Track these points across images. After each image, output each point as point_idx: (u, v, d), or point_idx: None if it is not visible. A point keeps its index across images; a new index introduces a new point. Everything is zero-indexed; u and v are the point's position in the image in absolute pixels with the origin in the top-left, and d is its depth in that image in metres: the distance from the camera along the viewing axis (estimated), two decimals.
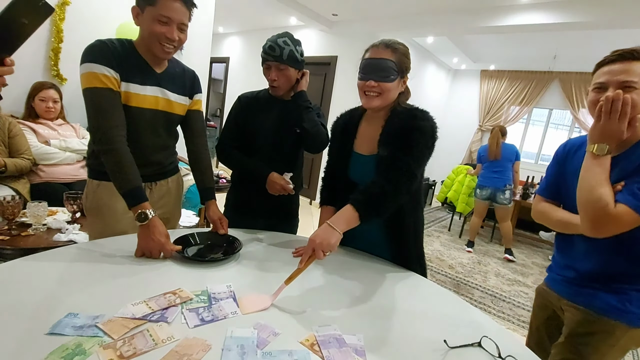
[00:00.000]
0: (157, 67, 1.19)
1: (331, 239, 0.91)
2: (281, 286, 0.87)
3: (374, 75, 1.06)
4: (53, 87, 2.26)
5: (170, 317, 0.74)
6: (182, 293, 0.84)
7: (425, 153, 1.06)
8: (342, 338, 0.75)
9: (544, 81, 5.66)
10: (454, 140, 6.51)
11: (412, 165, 1.03)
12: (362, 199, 0.99)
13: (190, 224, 2.25)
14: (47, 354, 0.59)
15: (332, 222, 0.94)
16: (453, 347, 0.78)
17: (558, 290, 1.10)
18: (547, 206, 1.13)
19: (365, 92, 1.10)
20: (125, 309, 0.74)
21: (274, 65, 1.32)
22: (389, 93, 1.08)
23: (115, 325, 0.69)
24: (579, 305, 1.02)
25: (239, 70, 6.34)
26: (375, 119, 1.16)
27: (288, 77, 1.35)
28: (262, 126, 1.41)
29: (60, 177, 2.21)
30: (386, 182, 1.00)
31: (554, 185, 1.13)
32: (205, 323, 0.74)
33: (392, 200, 1.01)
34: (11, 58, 0.60)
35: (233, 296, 0.86)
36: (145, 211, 1.01)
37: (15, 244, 1.47)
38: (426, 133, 1.05)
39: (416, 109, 1.10)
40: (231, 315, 0.78)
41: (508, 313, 2.67)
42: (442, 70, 6.28)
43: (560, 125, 5.92)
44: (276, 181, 1.34)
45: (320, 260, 0.91)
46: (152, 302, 0.78)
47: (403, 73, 1.10)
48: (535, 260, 4.02)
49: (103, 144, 1.05)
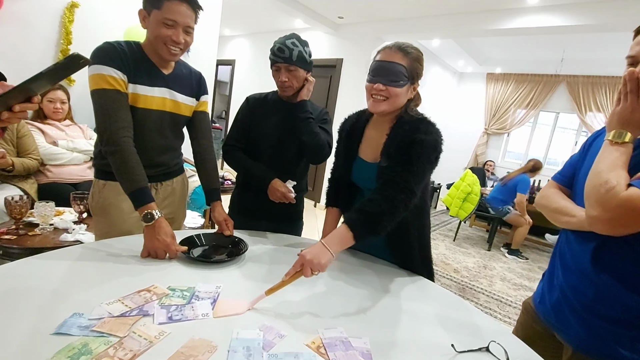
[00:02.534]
0: (165, 69, 1.20)
1: (322, 258, 0.86)
2: (261, 295, 0.83)
3: (382, 79, 1.02)
4: (61, 89, 2.28)
5: (151, 311, 0.75)
6: (157, 290, 0.84)
7: (427, 168, 1.01)
8: (349, 341, 0.74)
9: (551, 84, 5.62)
10: (460, 143, 6.48)
11: (412, 182, 0.98)
12: (357, 218, 0.94)
13: (195, 225, 2.26)
14: (54, 354, 0.59)
15: (326, 242, 0.90)
16: (461, 352, 0.77)
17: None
18: (553, 192, 0.97)
19: (372, 95, 1.05)
20: (99, 309, 0.73)
21: (283, 66, 1.32)
22: (397, 99, 1.04)
23: (114, 324, 0.69)
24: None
25: (245, 73, 6.38)
26: (381, 125, 1.12)
27: (298, 78, 1.35)
28: (268, 129, 1.41)
29: (67, 178, 2.23)
30: (383, 200, 0.95)
31: (571, 172, 0.96)
32: (171, 322, 0.73)
33: (389, 218, 0.96)
34: (38, 95, 0.66)
35: (215, 298, 0.84)
36: (151, 211, 1.01)
37: (23, 244, 1.48)
38: (428, 147, 1.00)
39: (421, 120, 1.05)
40: (201, 317, 0.76)
41: (514, 318, 2.64)
42: (447, 72, 6.26)
43: (566, 129, 5.87)
44: (278, 189, 1.34)
45: (303, 279, 0.87)
46: (127, 300, 0.78)
47: (414, 79, 1.05)
48: (542, 265, 3.98)
49: (110, 144, 1.05)
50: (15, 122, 0.66)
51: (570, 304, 0.85)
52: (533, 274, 3.64)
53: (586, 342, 0.82)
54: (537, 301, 0.99)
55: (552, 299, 0.91)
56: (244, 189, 1.51)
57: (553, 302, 0.91)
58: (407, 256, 1.18)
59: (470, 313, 0.97)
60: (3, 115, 0.62)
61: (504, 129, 6.15)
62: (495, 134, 6.36)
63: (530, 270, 3.72)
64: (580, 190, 0.80)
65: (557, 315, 0.89)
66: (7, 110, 0.62)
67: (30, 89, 0.62)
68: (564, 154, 5.78)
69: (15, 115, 0.63)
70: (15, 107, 0.62)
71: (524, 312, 1.06)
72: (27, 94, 0.63)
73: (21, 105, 0.63)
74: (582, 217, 0.79)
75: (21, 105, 0.63)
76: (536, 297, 1.01)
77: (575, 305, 0.84)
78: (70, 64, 0.60)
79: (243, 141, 1.45)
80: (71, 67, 0.61)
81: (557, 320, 0.89)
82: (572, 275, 0.86)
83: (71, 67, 0.61)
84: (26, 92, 0.62)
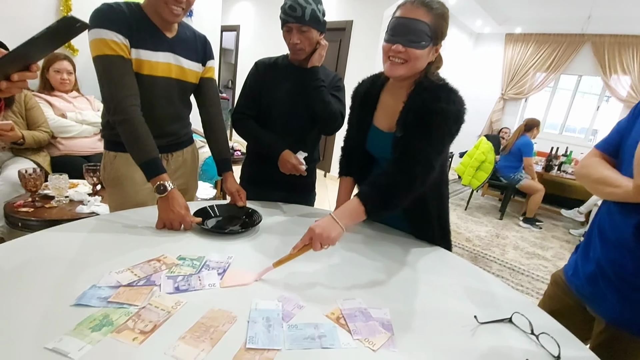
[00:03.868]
0: (168, 32, 1.13)
1: (331, 232, 0.82)
2: (268, 267, 0.82)
3: (402, 38, 0.90)
4: (66, 59, 2.22)
5: (157, 281, 0.74)
6: (167, 259, 0.83)
7: (447, 140, 0.94)
8: (368, 312, 0.73)
9: (575, 45, 5.30)
10: (474, 109, 6.19)
11: (431, 155, 0.91)
12: (370, 192, 0.89)
13: (207, 196, 2.26)
14: (76, 325, 0.59)
15: (337, 215, 0.86)
16: (483, 323, 0.75)
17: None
18: (596, 161, 0.89)
19: (389, 57, 0.94)
20: (109, 277, 0.73)
21: (295, 27, 1.22)
22: (417, 62, 0.93)
23: (130, 294, 0.68)
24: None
25: (250, 39, 6.15)
26: (397, 91, 1.02)
27: (311, 39, 1.25)
28: (279, 95, 1.34)
29: (78, 150, 2.22)
30: (399, 173, 0.89)
31: (617, 139, 0.87)
32: (178, 292, 0.72)
33: (405, 193, 0.90)
34: (37, 64, 0.62)
35: (225, 268, 0.84)
36: (164, 183, 0.99)
37: (40, 216, 1.50)
38: (449, 118, 0.91)
39: (443, 87, 0.95)
40: (208, 287, 0.75)
41: (527, 286, 2.65)
42: (463, 34, 5.94)
43: (587, 94, 5.60)
44: (288, 160, 1.29)
45: (317, 252, 0.83)
46: (136, 269, 0.77)
47: (437, 39, 0.93)
48: (555, 233, 3.94)
49: (117, 114, 1.02)
50: (15, 91, 0.63)
51: (607, 277, 0.82)
52: (547, 242, 3.61)
53: (622, 315, 0.80)
54: (570, 273, 0.96)
55: (587, 271, 0.88)
56: (254, 159, 1.47)
57: (588, 274, 0.87)
58: (426, 227, 1.14)
59: (490, 284, 0.95)
60: (2, 84, 0.59)
61: (522, 94, 5.91)
62: (512, 100, 6.12)
63: (543, 239, 3.69)
64: (628, 159, 0.75)
65: (591, 288, 0.87)
66: (5, 79, 0.59)
67: (26, 56, 0.59)
68: (584, 120, 5.56)
69: (14, 85, 0.60)
70: (13, 76, 0.59)
71: (553, 284, 1.03)
72: (24, 62, 0.60)
73: (20, 74, 0.60)
74: (629, 188, 0.74)
75: (20, 74, 0.60)
76: (568, 269, 0.98)
77: (612, 278, 0.81)
78: (65, 28, 0.56)
79: (253, 109, 1.39)
80: (67, 32, 0.57)
81: (591, 292, 0.87)
82: (612, 248, 0.82)
83: (67, 32, 0.57)
84: (22, 58, 0.59)
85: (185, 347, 0.57)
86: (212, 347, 0.58)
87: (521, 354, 0.67)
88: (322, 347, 0.62)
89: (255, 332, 0.63)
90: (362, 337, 0.66)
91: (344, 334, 0.66)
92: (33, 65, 0.61)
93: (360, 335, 0.66)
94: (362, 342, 0.65)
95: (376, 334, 0.67)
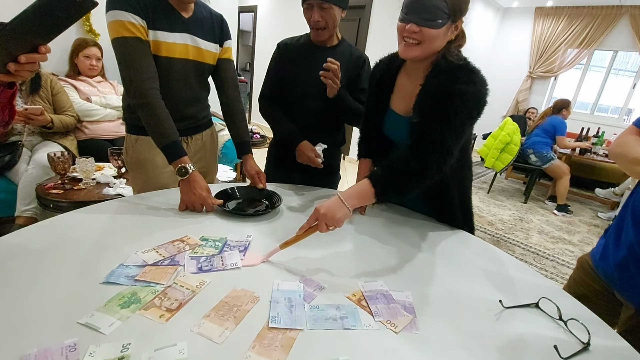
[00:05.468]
0: (184, 12, 1.12)
1: (337, 213, 0.79)
2: (275, 249, 0.82)
3: (416, 17, 0.84)
4: (96, 45, 2.28)
5: (182, 262, 0.76)
6: (190, 240, 0.85)
7: (467, 124, 0.87)
8: (390, 294, 0.73)
9: (611, 18, 4.94)
10: (500, 88, 5.98)
11: (449, 140, 0.84)
12: (382, 174, 0.85)
13: (227, 179, 2.29)
14: (106, 301, 0.61)
15: (344, 195, 0.82)
16: (508, 307, 0.73)
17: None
18: (634, 139, 0.83)
19: (404, 37, 0.88)
20: (135, 256, 0.75)
21: (316, 3, 1.18)
22: (432, 42, 0.86)
23: (156, 273, 0.70)
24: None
25: (268, 20, 6.05)
26: (415, 73, 0.97)
27: (333, 17, 1.21)
28: (302, 77, 1.33)
29: (103, 134, 2.28)
30: (414, 158, 0.84)
31: None
32: (201, 272, 0.74)
33: (418, 179, 0.85)
34: (47, 46, 0.60)
35: (246, 247, 0.85)
36: (185, 165, 1.00)
37: (70, 197, 1.56)
38: (469, 100, 0.85)
39: (461, 67, 0.88)
40: (230, 267, 0.76)
41: (551, 271, 2.58)
42: (490, 9, 5.63)
43: (622, 71, 5.24)
44: (304, 152, 1.30)
45: (323, 233, 0.81)
46: (161, 249, 0.79)
47: (456, 16, 0.85)
48: (583, 217, 3.80)
49: (137, 97, 1.02)
50: (25, 75, 0.62)
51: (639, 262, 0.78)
52: (573, 227, 3.49)
53: None
54: (597, 258, 0.92)
55: (618, 256, 0.83)
56: (280, 141, 1.48)
57: (618, 260, 0.83)
58: (447, 211, 1.12)
59: (515, 268, 0.92)
60: (10, 66, 0.58)
61: (551, 72, 5.60)
62: (540, 78, 5.81)
63: (570, 224, 3.57)
64: None
65: (621, 273, 0.83)
66: (12, 61, 0.58)
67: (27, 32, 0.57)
68: (618, 99, 5.23)
69: (23, 68, 0.60)
70: (21, 57, 0.58)
71: (579, 269, 0.99)
72: (30, 42, 0.58)
73: (27, 55, 0.59)
74: None
75: (27, 55, 0.59)
76: (595, 254, 0.94)
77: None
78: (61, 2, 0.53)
79: (278, 92, 1.39)
80: (67, 8, 0.55)
81: (620, 278, 0.83)
82: None
83: (67, 8, 0.55)
84: (24, 36, 0.57)
85: (210, 324, 0.59)
86: (235, 325, 0.59)
87: (549, 340, 0.65)
88: (344, 327, 0.62)
89: (277, 312, 0.64)
90: (383, 319, 0.65)
91: (365, 316, 0.66)
92: (41, 47, 0.60)
93: (382, 318, 0.66)
94: (384, 324, 0.64)
95: (398, 316, 0.67)
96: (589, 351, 0.64)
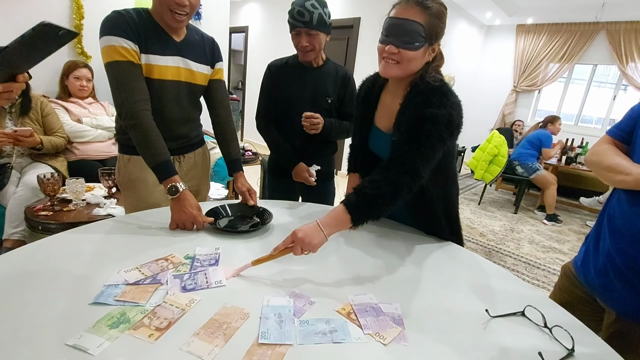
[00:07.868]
0: (176, 36, 1.16)
1: (314, 239, 0.81)
2: (247, 264, 0.83)
3: (395, 40, 0.89)
4: (86, 67, 2.30)
5: (163, 280, 0.76)
6: (175, 259, 0.85)
7: (437, 147, 0.90)
8: (379, 307, 0.74)
9: (589, 33, 5.16)
10: (486, 103, 6.17)
11: (418, 163, 0.88)
12: (356, 200, 0.86)
13: (219, 197, 2.29)
14: (95, 322, 0.61)
15: (322, 222, 0.83)
16: (495, 317, 0.75)
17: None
18: (607, 148, 0.87)
19: (383, 57, 0.93)
20: (117, 275, 0.75)
21: (304, 31, 1.29)
22: (410, 63, 0.91)
23: (136, 293, 0.70)
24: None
25: (259, 39, 6.18)
26: (396, 91, 1.01)
27: (319, 41, 1.34)
28: (294, 95, 1.42)
29: (94, 155, 2.28)
30: (385, 182, 0.87)
31: (630, 125, 0.85)
32: (185, 291, 0.73)
33: (389, 202, 0.87)
34: (24, 74, 0.61)
35: (217, 259, 0.86)
36: (175, 184, 1.02)
37: (59, 219, 1.55)
38: (440, 124, 0.88)
39: (435, 90, 0.91)
40: (214, 285, 0.76)
41: (543, 280, 2.60)
42: (473, 27, 5.83)
43: (603, 83, 5.44)
44: (300, 173, 1.47)
45: (297, 256, 0.82)
46: (144, 268, 0.79)
47: (432, 39, 0.90)
48: (572, 227, 3.85)
49: (128, 118, 1.04)
50: (2, 103, 0.61)
51: (617, 269, 0.80)
52: (563, 236, 3.54)
53: (633, 307, 0.79)
54: (579, 264, 0.94)
55: (598, 263, 0.86)
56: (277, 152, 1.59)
57: (598, 266, 0.86)
58: (433, 224, 1.14)
59: (504, 278, 0.94)
60: None
61: (535, 85, 5.78)
62: (524, 92, 5.99)
63: (560, 233, 3.62)
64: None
65: (601, 280, 0.85)
66: None
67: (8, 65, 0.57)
68: (600, 110, 5.40)
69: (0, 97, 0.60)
70: None
71: (563, 277, 1.02)
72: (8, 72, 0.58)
73: (4, 85, 0.59)
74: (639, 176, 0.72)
75: (4, 85, 0.59)
76: (577, 261, 0.96)
77: (623, 270, 0.79)
78: (41, 35, 0.53)
79: (273, 111, 1.49)
80: (48, 40, 0.55)
81: (600, 284, 0.85)
82: (622, 239, 0.80)
83: (48, 40, 0.55)
84: (3, 69, 0.57)
85: (199, 342, 0.59)
86: (225, 342, 0.60)
87: (534, 348, 0.66)
88: (334, 341, 0.63)
89: (267, 327, 0.64)
90: (372, 331, 0.66)
91: (355, 329, 0.67)
92: (19, 76, 0.60)
93: (371, 330, 0.67)
94: (373, 337, 0.65)
95: (387, 328, 0.68)
96: (574, 357, 0.65)
